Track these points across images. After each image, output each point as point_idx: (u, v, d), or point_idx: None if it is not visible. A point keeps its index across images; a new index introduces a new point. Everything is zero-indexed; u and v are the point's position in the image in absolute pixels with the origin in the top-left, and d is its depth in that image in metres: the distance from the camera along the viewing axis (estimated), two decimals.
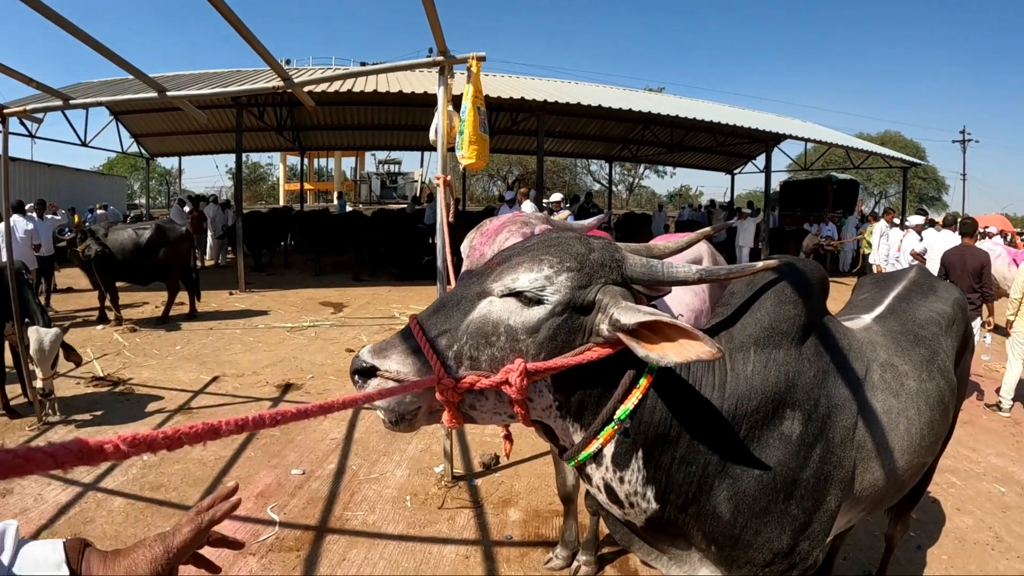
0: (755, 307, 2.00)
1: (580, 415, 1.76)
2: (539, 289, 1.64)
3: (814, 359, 2.01)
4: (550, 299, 1.64)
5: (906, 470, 2.39)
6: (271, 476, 4.89)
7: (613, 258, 1.74)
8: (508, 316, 1.65)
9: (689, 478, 1.84)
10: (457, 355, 1.66)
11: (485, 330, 1.66)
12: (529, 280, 1.65)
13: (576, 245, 1.73)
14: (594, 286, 1.68)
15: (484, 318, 1.67)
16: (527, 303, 1.65)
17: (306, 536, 4.10)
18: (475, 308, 1.68)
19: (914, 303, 2.89)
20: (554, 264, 1.67)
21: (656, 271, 1.73)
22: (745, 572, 1.99)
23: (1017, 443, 6.65)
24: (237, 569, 3.66)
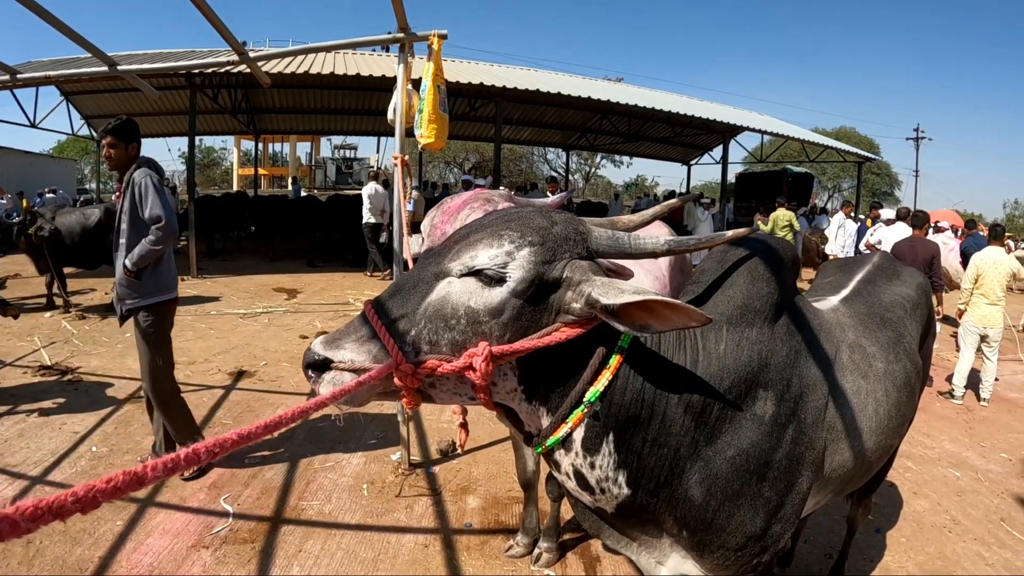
0: (727, 285, 1.95)
1: (547, 398, 1.69)
2: (500, 266, 1.55)
3: (786, 338, 1.96)
4: (512, 276, 1.55)
5: (874, 451, 2.37)
6: (224, 466, 4.78)
7: (577, 231, 1.66)
8: (468, 297, 1.56)
9: (661, 461, 1.78)
10: (416, 340, 1.56)
11: (444, 313, 1.57)
12: (489, 257, 1.56)
13: (538, 219, 1.65)
14: (559, 261, 1.60)
15: (443, 300, 1.57)
16: (488, 282, 1.56)
17: (261, 527, 4.00)
18: (433, 290, 1.59)
19: (879, 286, 2.87)
20: (515, 239, 1.58)
21: (623, 244, 1.66)
22: (717, 557, 1.94)
23: (970, 430, 6.78)
24: (191, 563, 3.55)
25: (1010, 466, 5.78)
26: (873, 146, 46.42)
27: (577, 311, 1.58)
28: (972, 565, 4.09)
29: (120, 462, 4.73)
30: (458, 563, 3.75)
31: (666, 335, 1.79)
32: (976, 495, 5.13)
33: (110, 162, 4.36)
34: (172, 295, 4.50)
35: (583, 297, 1.56)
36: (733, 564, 1.97)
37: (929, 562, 4.10)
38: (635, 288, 1.52)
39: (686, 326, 1.52)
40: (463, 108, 19.11)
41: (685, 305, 1.48)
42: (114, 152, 4.29)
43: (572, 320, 1.59)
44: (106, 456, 4.84)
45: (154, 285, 4.37)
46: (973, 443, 6.34)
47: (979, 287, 7.55)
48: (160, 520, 3.97)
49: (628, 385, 1.70)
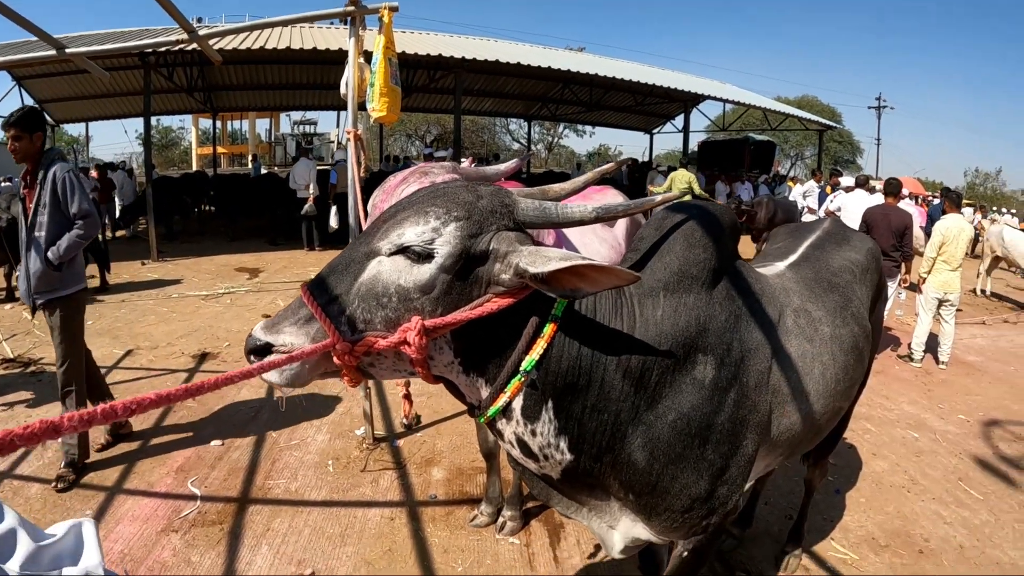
0: (664, 251, 1.95)
1: (485, 369, 1.70)
2: (427, 243, 1.56)
3: (726, 303, 1.97)
4: (440, 252, 1.56)
5: (822, 414, 2.40)
6: (190, 450, 4.75)
7: (503, 203, 1.66)
8: (398, 275, 1.57)
9: (602, 427, 1.79)
10: (351, 319, 1.57)
11: (376, 291, 1.57)
12: (416, 234, 1.56)
13: (463, 193, 1.65)
14: (486, 234, 1.60)
15: (374, 279, 1.58)
16: (416, 259, 1.56)
17: (228, 508, 3.99)
18: (365, 270, 1.60)
19: (828, 251, 2.89)
20: (440, 215, 1.59)
21: (549, 213, 1.67)
22: (664, 519, 1.97)
23: (928, 392, 6.92)
24: (161, 548, 3.54)
25: (968, 427, 5.91)
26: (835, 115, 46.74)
27: (506, 281, 1.59)
28: (931, 523, 4.18)
29: None
30: (424, 534, 3.78)
31: (602, 303, 1.80)
32: (934, 456, 5.24)
33: (16, 155, 4.25)
34: (84, 285, 4.47)
35: (511, 267, 1.57)
36: (681, 526, 2.00)
37: (888, 521, 4.19)
38: (562, 254, 1.53)
39: (615, 286, 1.55)
40: (422, 80, 18.84)
41: (612, 266, 1.50)
42: (19, 144, 4.18)
43: (503, 291, 1.60)
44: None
45: (71, 276, 4.35)
46: (932, 405, 6.47)
47: (942, 254, 7.65)
48: (129, 507, 3.94)
49: (564, 353, 1.71)
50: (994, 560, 3.81)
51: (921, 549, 3.90)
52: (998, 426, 5.95)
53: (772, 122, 26.45)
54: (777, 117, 25.46)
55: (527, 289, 1.60)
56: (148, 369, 6.50)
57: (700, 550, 2.20)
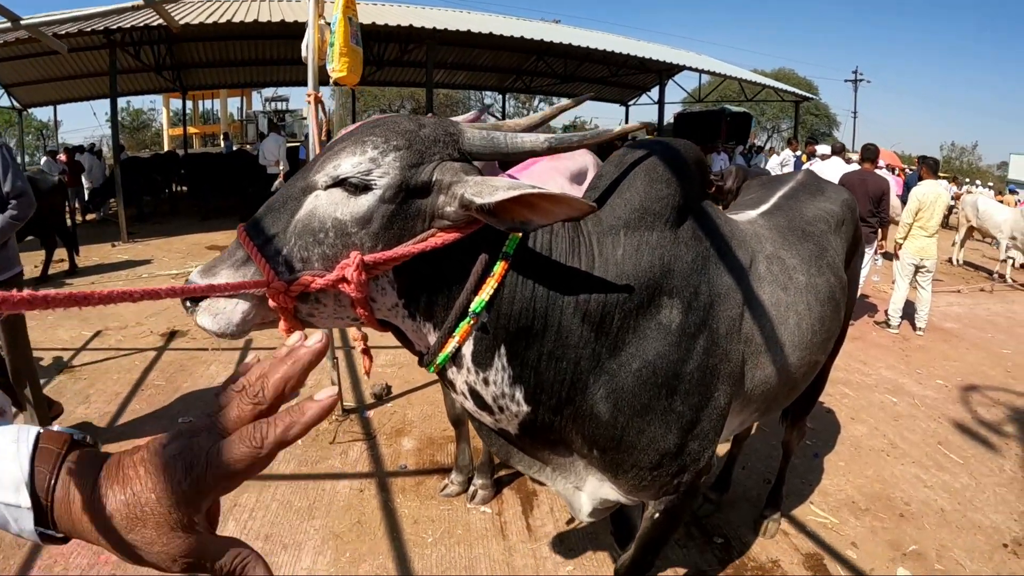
0: (624, 187, 1.82)
1: (431, 312, 1.59)
2: (364, 173, 1.45)
3: (692, 243, 1.86)
4: (378, 183, 1.45)
5: (798, 367, 2.30)
6: (157, 428, 4.61)
7: (447, 132, 1.55)
8: (335, 209, 1.46)
9: (560, 375, 1.69)
10: (288, 258, 1.46)
11: (312, 227, 1.47)
12: (352, 164, 1.46)
13: (403, 122, 1.55)
14: (427, 164, 1.49)
15: (311, 215, 1.48)
16: (354, 191, 1.46)
17: None
18: (302, 206, 1.49)
19: (802, 201, 2.79)
20: (379, 144, 1.48)
21: (498, 142, 1.54)
22: (632, 477, 1.87)
23: (906, 357, 6.90)
24: None
25: (946, 392, 5.89)
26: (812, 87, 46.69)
27: (451, 215, 1.48)
28: (911, 487, 4.14)
29: None
30: (393, 505, 3.71)
31: (558, 242, 1.69)
32: (913, 420, 5.21)
33: None
34: (20, 269, 4.29)
35: (456, 199, 1.46)
36: (650, 484, 1.90)
37: (867, 485, 4.15)
38: (509, 183, 1.43)
39: (569, 217, 1.44)
40: (394, 53, 18.56)
41: (563, 194, 1.40)
42: None
43: (448, 225, 1.50)
44: None
45: (5, 260, 4.16)
46: (909, 370, 6.45)
47: (919, 220, 7.60)
48: None
49: (517, 294, 1.60)
50: (976, 524, 3.77)
51: (902, 513, 3.85)
52: (976, 391, 5.93)
53: (748, 94, 26.41)
54: (753, 89, 25.41)
55: (475, 224, 1.50)
56: (116, 349, 6.37)
57: (673, 511, 2.10)
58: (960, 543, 3.59)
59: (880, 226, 7.62)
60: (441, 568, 3.22)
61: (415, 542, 3.40)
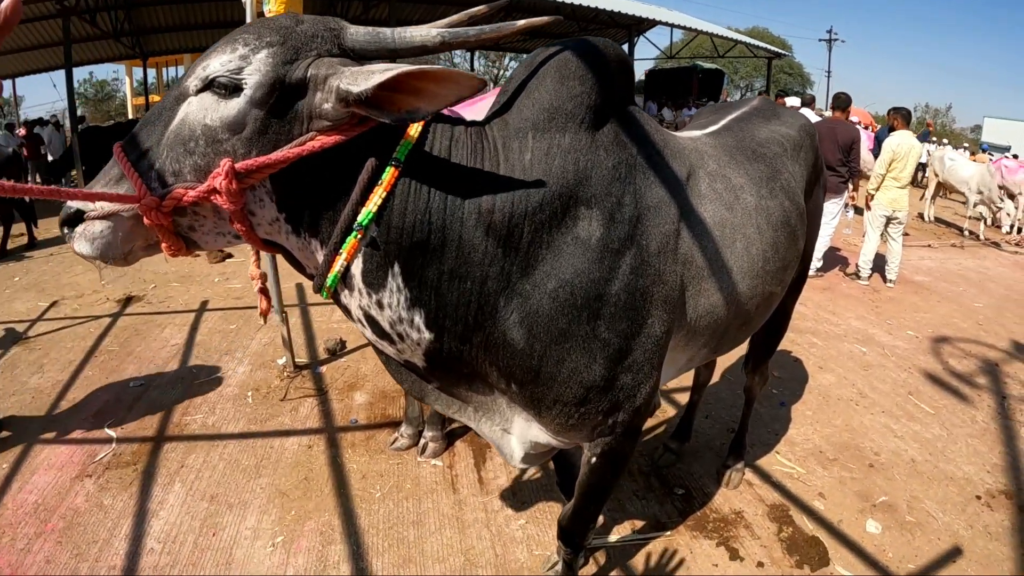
0: (533, 87, 1.65)
1: (317, 227, 1.47)
2: (234, 72, 1.34)
3: (613, 149, 1.68)
4: (249, 83, 1.34)
5: (750, 298, 2.14)
6: (109, 393, 4.53)
7: (328, 28, 1.42)
8: (204, 114, 1.35)
9: (465, 297, 1.55)
10: (161, 172, 1.37)
11: (183, 136, 1.36)
12: (221, 63, 1.34)
13: (281, 19, 1.43)
14: (303, 60, 1.36)
15: (182, 123, 1.37)
16: (224, 93, 1.34)
17: (144, 448, 3.80)
18: (175, 115, 1.38)
19: (754, 124, 2.61)
20: (250, 41, 1.36)
21: (384, 37, 1.40)
22: (557, 414, 1.72)
23: (876, 308, 6.83)
24: (74, 494, 3.37)
25: (917, 343, 5.81)
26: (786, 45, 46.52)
27: (330, 112, 1.35)
28: (881, 437, 4.05)
29: (6, 404, 4.41)
30: (342, 461, 3.61)
31: (459, 146, 1.54)
32: (883, 370, 5.13)
33: None
34: None
35: (332, 93, 1.33)
36: (580, 423, 1.76)
37: (836, 434, 4.05)
38: (386, 66, 1.30)
39: (459, 96, 1.31)
40: (356, 11, 18.06)
41: (447, 69, 1.28)
42: None
43: (327, 126, 1.37)
44: None
45: None
46: (880, 321, 6.37)
47: (892, 171, 7.46)
48: (45, 456, 3.76)
49: (409, 204, 1.46)
50: (948, 475, 3.68)
51: (871, 463, 3.76)
52: (947, 343, 5.86)
53: (721, 50, 26.22)
54: (726, 45, 25.17)
55: (361, 126, 1.38)
56: (72, 318, 6.21)
57: (611, 455, 1.95)
58: (932, 494, 3.50)
59: (850, 176, 7.51)
60: (388, 524, 3.11)
61: (363, 497, 3.30)
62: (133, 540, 3.02)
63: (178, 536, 3.04)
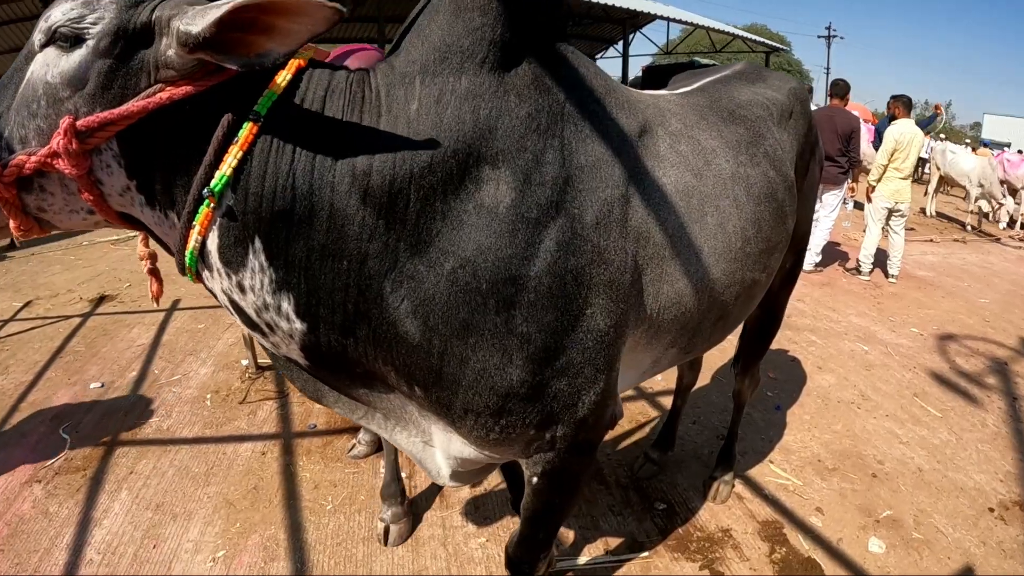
0: (424, 21, 1.35)
1: (171, 197, 1.23)
2: (75, 21, 1.15)
3: (531, 94, 1.37)
4: (92, 32, 1.15)
5: (727, 285, 1.80)
6: (68, 394, 4.34)
7: None
8: (46, 71, 1.18)
9: (341, 279, 1.27)
10: (9, 141, 1.20)
11: (27, 97, 1.20)
12: (63, 12, 1.16)
13: None
14: (149, 2, 1.15)
15: (27, 84, 1.21)
16: (67, 46, 1.17)
17: (95, 453, 3.62)
18: (25, 74, 1.22)
19: (735, 86, 2.27)
20: None
21: None
22: (473, 425, 1.42)
23: (878, 304, 6.55)
24: (21, 500, 3.21)
25: (921, 341, 5.53)
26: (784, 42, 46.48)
27: (175, 60, 1.14)
28: (885, 443, 3.77)
29: None
30: (295, 468, 3.37)
31: (334, 97, 1.27)
32: (887, 370, 4.85)
33: None
34: None
35: (174, 36, 1.11)
36: (503, 437, 1.45)
37: (836, 441, 3.77)
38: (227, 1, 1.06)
39: (314, 31, 1.08)
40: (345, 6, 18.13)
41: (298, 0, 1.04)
42: None
43: (174, 76, 1.15)
44: None
45: None
46: (882, 318, 6.10)
47: (894, 161, 7.18)
48: None
49: (269, 166, 1.21)
50: (958, 485, 3.40)
51: (874, 472, 3.48)
52: (954, 340, 5.59)
53: (718, 46, 26.14)
54: (723, 40, 25.14)
55: (216, 75, 1.15)
56: (44, 318, 6.04)
57: (556, 475, 1.63)
58: (940, 507, 3.22)
59: (850, 167, 7.23)
60: (337, 539, 2.86)
61: (312, 509, 3.06)
62: (73, 550, 2.86)
63: (119, 547, 2.86)
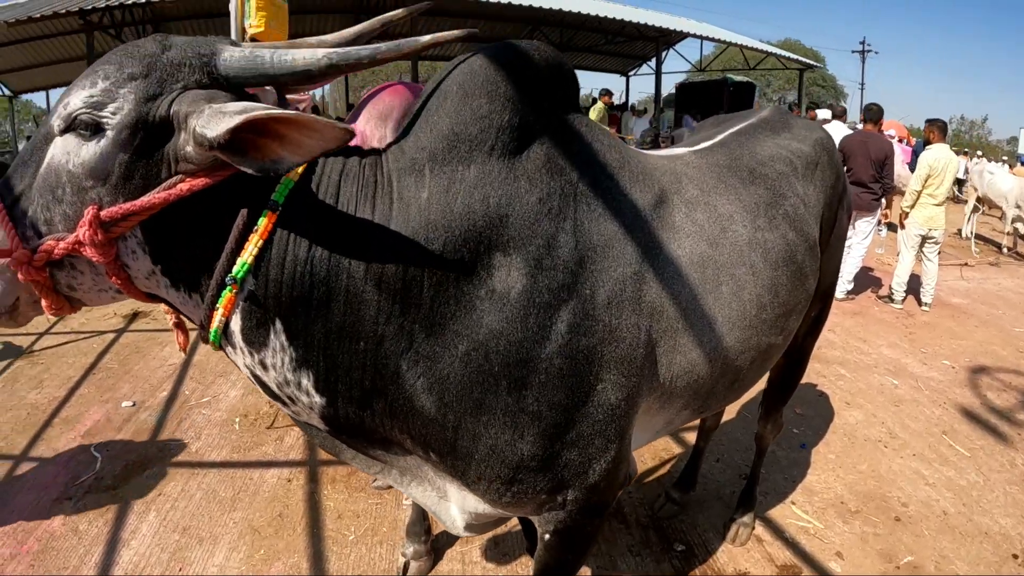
0: (433, 106, 1.41)
1: (195, 280, 1.29)
2: (95, 109, 1.18)
3: (541, 178, 1.43)
4: (111, 122, 1.18)
5: (740, 352, 1.83)
6: (100, 412, 4.43)
7: (197, 54, 1.24)
8: (67, 158, 1.22)
9: (358, 360, 1.34)
10: (34, 221, 1.25)
11: (50, 182, 1.24)
12: (81, 100, 1.19)
13: (146, 45, 1.25)
14: (168, 95, 1.18)
15: (48, 167, 1.24)
16: (87, 134, 1.20)
17: (125, 472, 3.69)
18: (44, 155, 1.26)
19: (758, 139, 2.27)
20: (111, 74, 1.20)
21: (262, 62, 1.22)
22: (487, 490, 1.48)
23: (910, 335, 6.45)
24: (53, 517, 3.28)
25: (953, 374, 5.43)
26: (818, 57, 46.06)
27: (193, 155, 1.18)
28: (910, 485, 3.69)
29: (1, 419, 4.36)
30: (319, 497, 3.42)
31: (347, 185, 1.33)
32: (916, 405, 4.77)
33: None
34: None
35: (192, 135, 1.15)
36: (515, 501, 1.51)
37: (860, 482, 3.70)
38: (242, 107, 1.11)
39: (325, 148, 1.13)
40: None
41: (307, 117, 1.08)
42: None
43: (193, 169, 1.19)
44: None
45: None
46: (913, 349, 6.00)
47: (928, 187, 7.08)
48: (30, 475, 3.70)
49: (288, 253, 1.27)
50: (983, 529, 3.33)
51: (898, 516, 3.41)
52: (986, 373, 5.48)
53: (751, 63, 25.83)
54: (756, 57, 24.87)
55: (228, 168, 1.19)
56: (78, 332, 6.14)
57: (567, 533, 1.67)
58: (963, 553, 3.15)
59: (884, 193, 7.14)
60: (359, 570, 2.91)
61: (335, 539, 3.10)
62: (102, 569, 2.93)
63: (145, 568, 2.92)
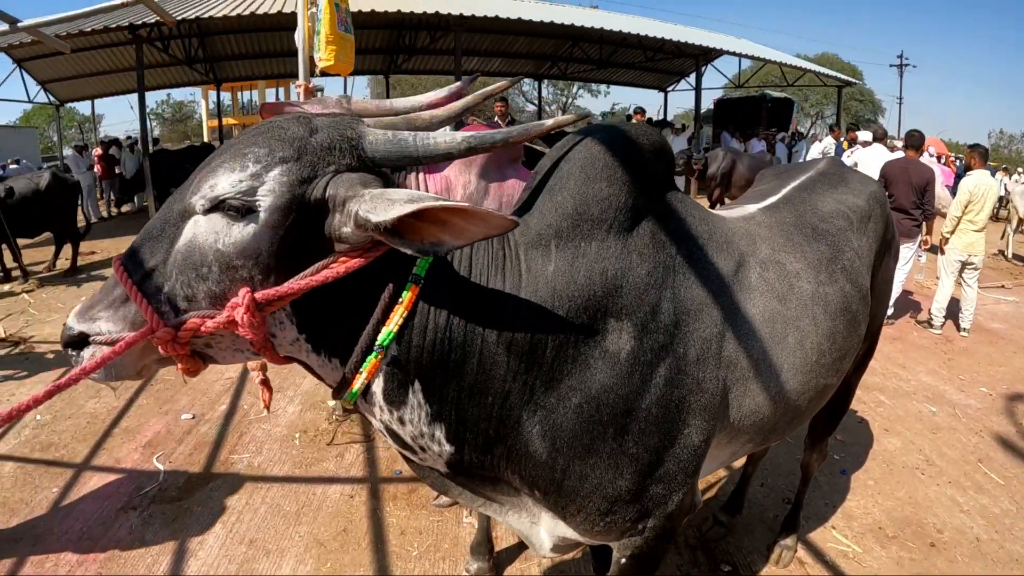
0: (554, 186, 1.56)
1: (337, 347, 1.40)
2: (245, 193, 1.25)
3: (649, 252, 1.59)
4: (263, 205, 1.26)
5: (800, 393, 2.00)
6: (161, 423, 4.59)
7: (345, 137, 1.33)
8: (215, 239, 1.27)
9: (485, 412, 1.47)
10: (171, 297, 1.29)
11: (194, 260, 1.28)
12: (231, 183, 1.26)
13: (293, 127, 1.32)
14: (321, 178, 1.28)
15: (191, 246, 1.28)
16: (236, 216, 1.26)
17: (189, 484, 3.83)
18: (180, 233, 1.30)
19: (818, 194, 2.45)
20: (262, 157, 1.27)
21: (406, 145, 1.32)
22: (581, 521, 1.64)
23: (948, 361, 6.47)
24: (118, 526, 3.42)
25: (990, 401, 5.47)
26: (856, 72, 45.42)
27: (350, 236, 1.28)
28: (945, 512, 3.76)
29: (61, 427, 4.53)
30: (382, 514, 3.55)
31: (479, 258, 1.47)
32: (953, 433, 4.81)
33: None
34: None
35: (351, 218, 1.25)
36: (604, 529, 1.67)
37: (898, 508, 3.78)
38: (409, 195, 1.21)
39: (487, 235, 1.24)
40: (423, 41, 18.45)
41: (475, 208, 1.18)
42: None
43: (348, 249, 1.30)
44: (49, 423, 4.61)
45: None
46: (951, 376, 6.03)
47: (968, 213, 7.08)
48: (94, 483, 3.83)
49: (429, 323, 1.39)
50: (1014, 556, 3.40)
51: (933, 542, 3.50)
52: (1022, 401, 5.49)
53: (789, 79, 25.60)
54: (794, 73, 24.67)
55: (381, 247, 1.29)
56: None
57: (641, 556, 1.84)
58: None
59: (924, 219, 7.16)
60: None
61: (399, 555, 3.23)
62: None
63: None
